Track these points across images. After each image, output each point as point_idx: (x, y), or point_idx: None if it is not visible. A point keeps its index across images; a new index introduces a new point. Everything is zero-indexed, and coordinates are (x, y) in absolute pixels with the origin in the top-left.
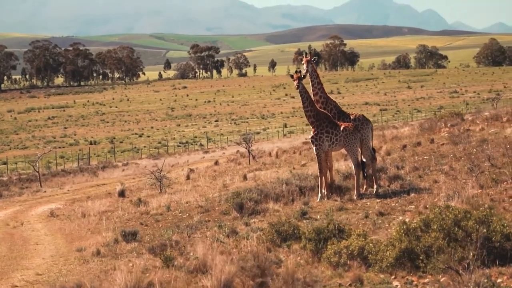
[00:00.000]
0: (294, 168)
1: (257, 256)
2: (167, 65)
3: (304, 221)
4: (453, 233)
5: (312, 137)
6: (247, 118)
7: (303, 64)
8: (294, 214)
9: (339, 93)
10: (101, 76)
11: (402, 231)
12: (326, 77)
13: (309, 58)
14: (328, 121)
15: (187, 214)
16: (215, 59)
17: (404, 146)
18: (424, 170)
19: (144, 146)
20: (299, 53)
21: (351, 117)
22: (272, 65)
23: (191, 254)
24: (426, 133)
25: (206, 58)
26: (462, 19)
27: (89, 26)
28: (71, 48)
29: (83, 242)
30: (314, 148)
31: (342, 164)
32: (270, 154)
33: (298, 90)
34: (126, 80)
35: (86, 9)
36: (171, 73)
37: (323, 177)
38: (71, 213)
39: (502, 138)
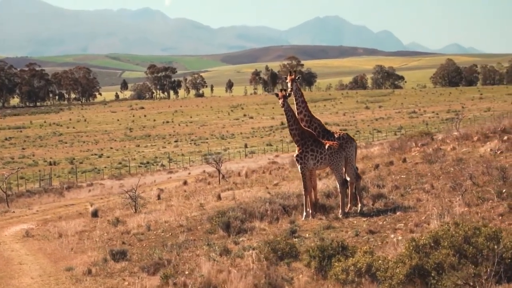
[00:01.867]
0: (267, 188)
1: (268, 274)
2: (124, 86)
3: (295, 239)
4: (464, 250)
5: (297, 155)
6: (207, 139)
7: (287, 82)
8: (282, 233)
9: None
10: (57, 97)
11: (411, 247)
12: None
13: (293, 76)
14: (313, 140)
15: (170, 234)
16: (172, 79)
17: (377, 165)
18: (405, 189)
19: (105, 167)
20: (257, 74)
21: (336, 135)
22: (229, 85)
23: (187, 272)
24: (397, 153)
25: (163, 78)
26: (418, 39)
27: (43, 47)
28: (26, 69)
29: (70, 262)
30: (299, 166)
31: (318, 183)
32: (239, 174)
33: (283, 109)
34: (83, 101)
35: (41, 30)
36: (127, 93)
37: (308, 196)
38: (47, 233)
39: (477, 157)
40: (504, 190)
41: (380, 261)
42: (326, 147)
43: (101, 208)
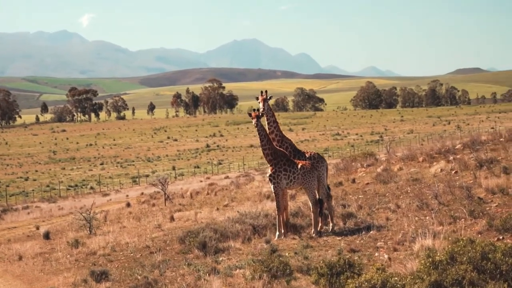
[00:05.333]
0: (217, 209)
1: None
2: (44, 108)
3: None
4: (482, 265)
5: (270, 175)
6: (133, 161)
7: (259, 102)
8: (261, 252)
9: (221, 135)
10: None
11: (428, 263)
12: (207, 120)
13: (265, 96)
14: (286, 159)
15: (140, 254)
16: (93, 102)
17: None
18: (371, 208)
19: (33, 190)
20: (178, 96)
21: (307, 155)
22: (151, 108)
23: None
24: (343, 173)
25: (84, 101)
26: (335, 62)
27: None
28: None
29: (46, 283)
30: (272, 186)
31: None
32: (182, 196)
33: (256, 128)
34: (3, 124)
35: None
36: (48, 116)
37: (281, 215)
38: (3, 256)
39: (431, 177)
40: (473, 209)
41: (396, 278)
42: (299, 166)
43: (50, 230)
